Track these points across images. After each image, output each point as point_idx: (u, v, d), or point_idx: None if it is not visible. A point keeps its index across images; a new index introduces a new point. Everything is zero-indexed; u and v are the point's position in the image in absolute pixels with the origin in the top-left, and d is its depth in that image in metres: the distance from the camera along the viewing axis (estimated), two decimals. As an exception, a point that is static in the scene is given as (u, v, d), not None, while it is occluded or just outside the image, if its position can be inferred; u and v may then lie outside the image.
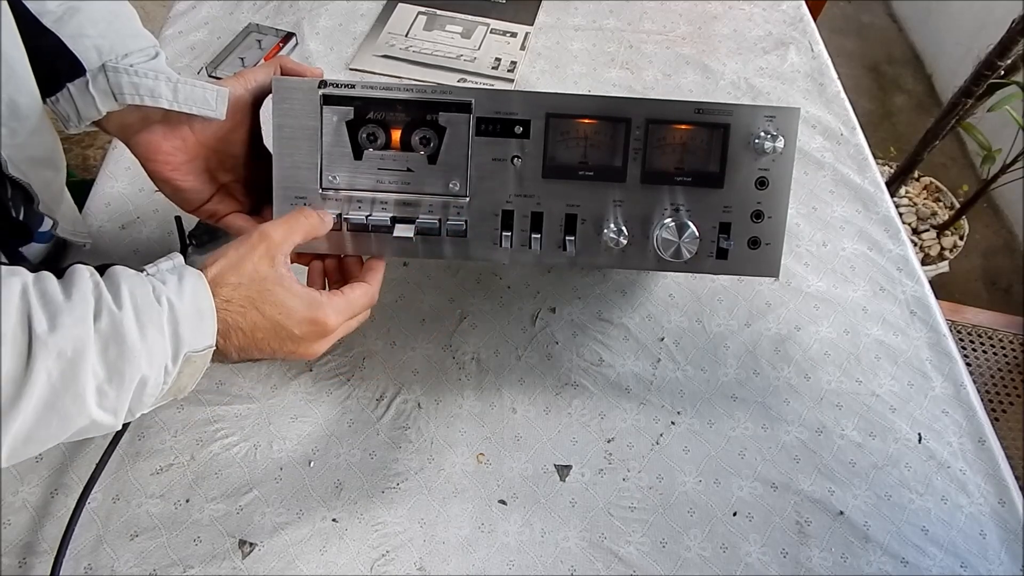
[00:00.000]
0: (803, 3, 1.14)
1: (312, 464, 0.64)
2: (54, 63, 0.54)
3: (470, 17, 1.07)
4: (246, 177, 0.63)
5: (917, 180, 1.93)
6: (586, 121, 0.57)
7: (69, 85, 0.55)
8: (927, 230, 1.84)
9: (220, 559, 0.58)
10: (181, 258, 0.49)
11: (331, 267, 0.60)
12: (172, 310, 0.45)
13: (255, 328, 0.49)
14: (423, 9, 1.07)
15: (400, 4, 1.08)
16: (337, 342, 0.56)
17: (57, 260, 0.75)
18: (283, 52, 0.98)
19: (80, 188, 0.78)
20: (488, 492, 0.63)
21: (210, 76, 0.95)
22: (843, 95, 1.00)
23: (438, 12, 1.07)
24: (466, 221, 0.59)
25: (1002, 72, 1.44)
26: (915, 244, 1.81)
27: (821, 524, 0.62)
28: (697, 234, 0.58)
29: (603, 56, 1.03)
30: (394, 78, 0.50)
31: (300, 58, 0.99)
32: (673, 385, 0.70)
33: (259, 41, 1.00)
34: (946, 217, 1.84)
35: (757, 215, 0.59)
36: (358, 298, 0.55)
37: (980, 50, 1.46)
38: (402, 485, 0.63)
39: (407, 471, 0.64)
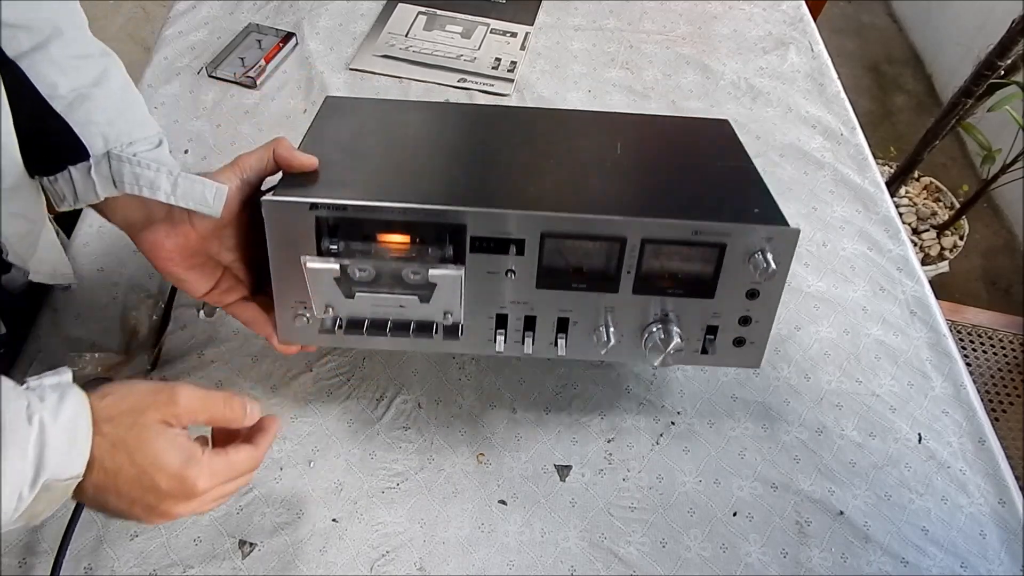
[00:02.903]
0: (803, 3, 1.14)
1: (312, 464, 0.64)
2: (58, 145, 0.54)
3: (470, 17, 1.07)
4: (246, 256, 0.62)
5: (917, 180, 1.93)
6: (581, 241, 0.57)
7: (71, 168, 0.55)
8: (927, 230, 1.84)
9: (220, 559, 0.58)
10: (69, 375, 0.46)
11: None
12: (42, 431, 0.42)
13: (119, 472, 0.45)
14: (423, 9, 1.07)
15: (400, 4, 1.08)
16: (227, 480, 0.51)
17: (39, 294, 0.73)
18: (283, 52, 0.98)
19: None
20: (488, 492, 0.63)
21: (210, 76, 0.95)
22: (843, 95, 1.00)
23: (438, 12, 1.07)
24: (460, 324, 0.60)
25: (1002, 72, 1.44)
26: (915, 244, 1.81)
27: (821, 524, 0.62)
28: (683, 345, 0.60)
29: (603, 56, 1.03)
30: (383, 203, 0.49)
31: (300, 58, 0.99)
32: (673, 385, 0.70)
33: (259, 41, 1.00)
34: (946, 217, 1.84)
35: (745, 320, 0.60)
36: (240, 462, 0.50)
37: (980, 50, 1.46)
38: (402, 485, 0.63)
39: (407, 471, 0.64)
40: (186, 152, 0.87)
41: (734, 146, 0.68)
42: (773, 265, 0.55)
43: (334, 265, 0.55)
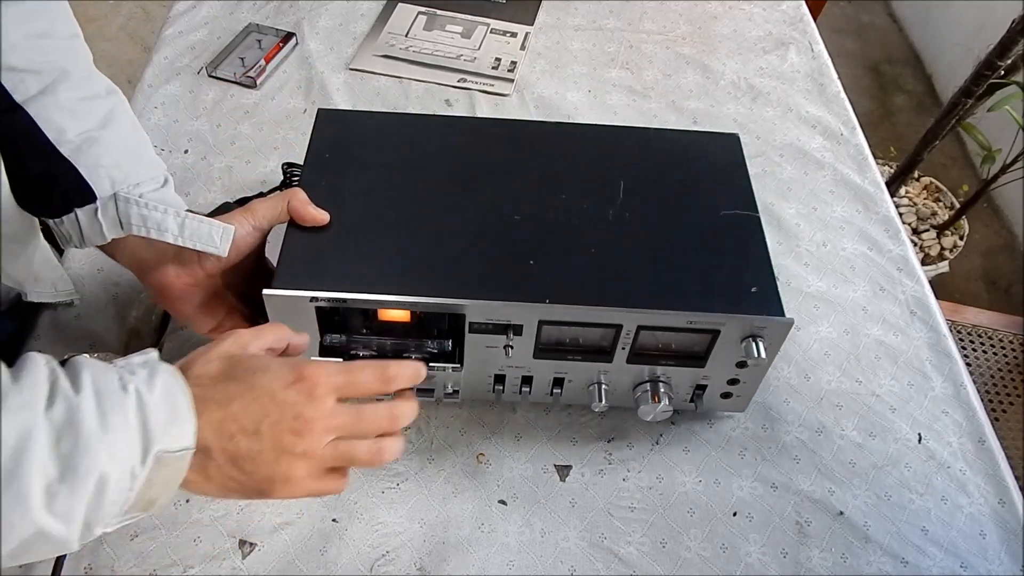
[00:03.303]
0: (803, 3, 1.14)
1: (312, 464, 0.64)
2: (65, 188, 0.54)
3: (470, 17, 1.07)
4: (249, 292, 0.62)
5: (917, 180, 1.92)
6: (578, 327, 0.58)
7: (77, 210, 0.55)
8: (927, 230, 1.84)
9: (220, 559, 0.58)
10: (155, 354, 0.44)
11: None
12: (140, 400, 0.39)
13: (231, 399, 0.42)
14: (423, 9, 1.07)
15: (400, 4, 1.08)
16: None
17: (34, 310, 0.73)
18: (283, 52, 0.98)
19: None
20: (488, 492, 0.63)
21: (210, 76, 0.95)
22: (843, 95, 1.00)
23: (438, 12, 1.07)
24: (458, 390, 0.63)
25: (1002, 72, 1.44)
26: (915, 244, 1.81)
27: (821, 524, 0.62)
28: (672, 407, 0.62)
29: (603, 56, 1.03)
30: (382, 296, 0.49)
31: (300, 58, 0.99)
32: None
33: (259, 41, 1.00)
34: (946, 217, 1.84)
35: (733, 381, 0.62)
36: (362, 370, 0.47)
37: (980, 50, 1.46)
38: (402, 485, 0.63)
39: (407, 471, 0.64)
40: (186, 152, 0.87)
41: (740, 179, 0.66)
42: (764, 355, 0.56)
43: (336, 360, 0.55)
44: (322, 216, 0.59)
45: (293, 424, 0.43)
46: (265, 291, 0.55)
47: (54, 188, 0.54)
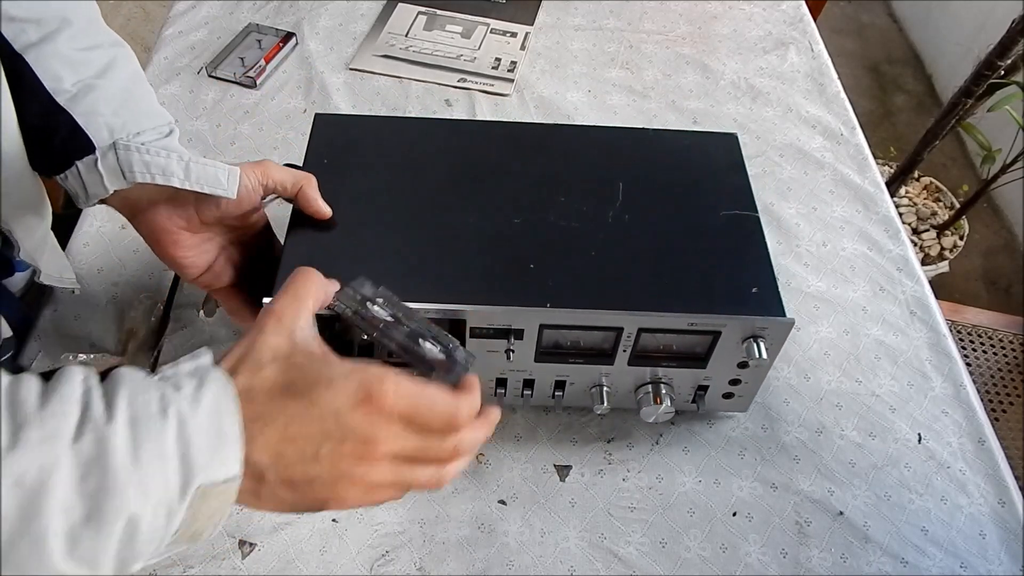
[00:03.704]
0: (803, 3, 1.14)
1: (312, 464, 0.64)
2: (64, 140, 0.53)
3: (470, 17, 1.07)
4: (242, 245, 0.62)
5: (917, 180, 1.92)
6: (579, 330, 0.58)
7: (78, 163, 0.54)
8: (927, 230, 1.84)
9: (220, 559, 0.58)
10: (209, 357, 0.39)
11: None
12: (182, 426, 0.34)
13: (290, 420, 0.37)
14: (423, 9, 1.07)
15: (400, 4, 1.08)
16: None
17: (40, 296, 0.73)
18: (283, 52, 0.98)
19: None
20: (488, 492, 0.63)
21: (210, 76, 0.95)
22: (843, 95, 1.00)
23: (438, 12, 1.07)
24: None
25: (1002, 72, 1.44)
26: (915, 244, 1.81)
27: (821, 524, 0.62)
28: (674, 408, 0.62)
29: (603, 56, 1.03)
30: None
31: (300, 58, 0.99)
32: (673, 385, 0.70)
33: (259, 41, 1.00)
34: (946, 217, 1.84)
35: (735, 382, 0.62)
36: (436, 396, 0.41)
37: (980, 50, 1.46)
38: (402, 485, 0.63)
39: (407, 471, 0.64)
40: (186, 152, 0.87)
41: (739, 179, 0.66)
42: (765, 355, 0.56)
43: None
44: (326, 211, 0.59)
45: (355, 448, 0.38)
46: (266, 299, 0.54)
47: (53, 139, 0.53)
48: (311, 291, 0.44)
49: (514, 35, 1.05)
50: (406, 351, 0.45)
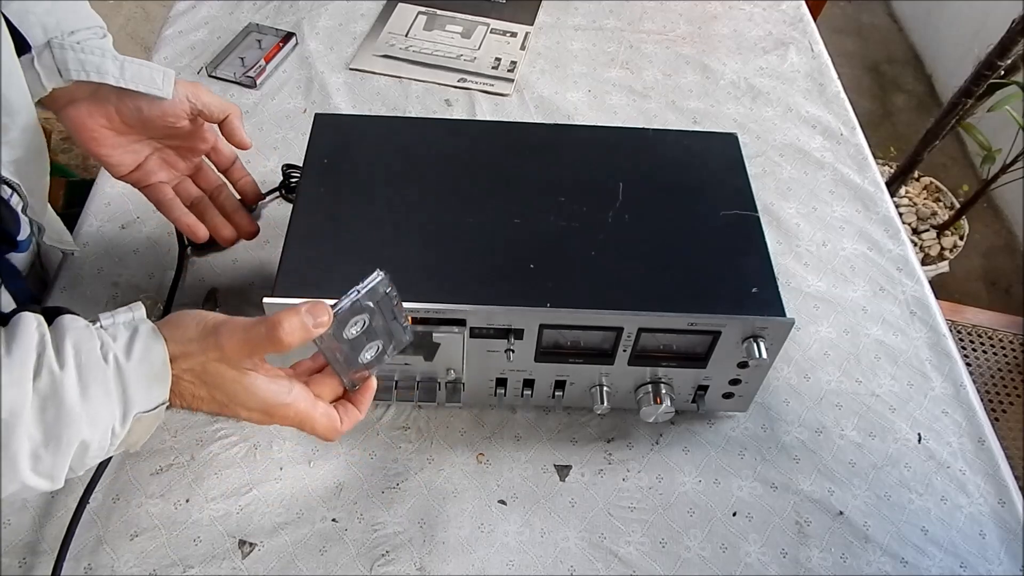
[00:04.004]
0: (803, 3, 1.14)
1: (312, 464, 0.64)
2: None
3: (470, 17, 1.07)
4: (177, 146, 0.64)
5: (917, 180, 1.92)
6: (579, 330, 0.58)
7: None
8: (927, 230, 1.83)
9: (220, 559, 0.58)
10: (142, 310, 0.46)
11: None
12: (120, 370, 0.42)
13: (200, 401, 0.47)
14: (423, 9, 1.07)
15: (400, 4, 1.08)
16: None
17: (44, 270, 0.73)
18: (283, 52, 0.98)
19: (80, 188, 0.78)
20: (488, 492, 0.63)
21: (210, 75, 0.95)
22: (843, 95, 1.00)
23: (438, 12, 1.07)
24: (460, 394, 0.64)
25: (1002, 72, 1.43)
26: (915, 244, 1.81)
27: (821, 524, 0.62)
28: (674, 408, 0.62)
29: (603, 56, 1.03)
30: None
31: (300, 58, 0.99)
32: (673, 385, 0.70)
33: (259, 41, 1.00)
34: (946, 217, 1.84)
35: (735, 382, 0.62)
36: (319, 423, 0.49)
37: (980, 50, 1.45)
38: (402, 485, 0.63)
39: (407, 471, 0.64)
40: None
41: (738, 179, 0.66)
42: (765, 355, 0.56)
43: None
44: (248, 142, 0.63)
45: (250, 416, 0.48)
46: (265, 299, 0.54)
47: None
48: (261, 347, 0.45)
49: (514, 35, 1.05)
50: (330, 363, 0.50)
